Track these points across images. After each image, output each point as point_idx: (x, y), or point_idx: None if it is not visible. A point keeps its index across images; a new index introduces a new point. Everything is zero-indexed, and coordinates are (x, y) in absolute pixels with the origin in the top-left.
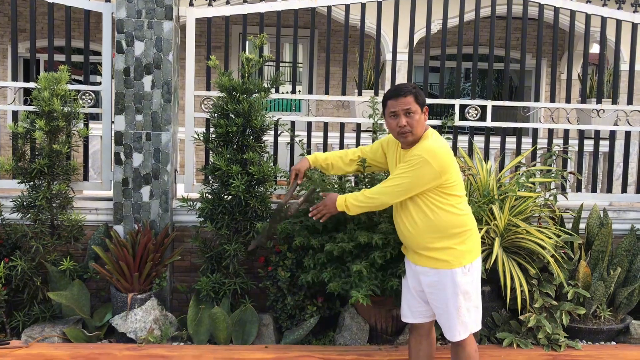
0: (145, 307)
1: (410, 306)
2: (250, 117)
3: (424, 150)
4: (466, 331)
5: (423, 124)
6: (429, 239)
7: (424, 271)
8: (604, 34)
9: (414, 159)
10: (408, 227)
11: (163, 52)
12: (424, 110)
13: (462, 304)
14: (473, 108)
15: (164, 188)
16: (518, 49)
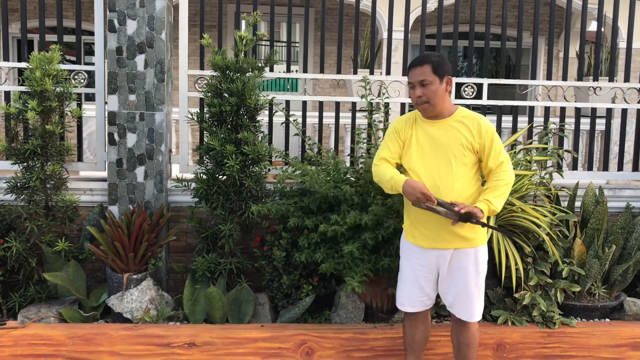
0: (141, 287)
1: (410, 296)
2: (244, 97)
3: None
4: (482, 310)
5: (443, 95)
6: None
7: (447, 254)
8: (602, 10)
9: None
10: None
11: (156, 30)
12: (445, 81)
13: (482, 282)
14: (469, 86)
15: (158, 168)
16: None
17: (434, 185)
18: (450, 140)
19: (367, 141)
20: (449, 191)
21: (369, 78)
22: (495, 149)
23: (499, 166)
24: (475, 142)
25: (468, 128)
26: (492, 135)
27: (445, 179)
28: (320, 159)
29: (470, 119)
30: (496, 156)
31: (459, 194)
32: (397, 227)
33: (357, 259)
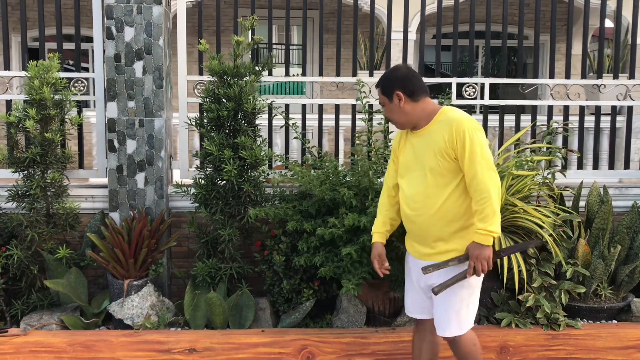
0: (142, 293)
1: (414, 302)
2: (241, 101)
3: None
4: (459, 328)
5: (401, 110)
6: (445, 227)
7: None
8: (604, 7)
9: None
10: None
11: (153, 37)
12: (394, 97)
13: (465, 298)
14: (470, 86)
15: (158, 174)
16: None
17: (408, 205)
18: (426, 149)
19: (366, 144)
20: (422, 209)
21: (363, 81)
22: (469, 153)
23: (473, 178)
24: (449, 146)
25: (444, 131)
26: (465, 136)
27: (424, 195)
28: (320, 163)
29: (446, 120)
30: (469, 162)
31: (442, 214)
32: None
33: (356, 262)
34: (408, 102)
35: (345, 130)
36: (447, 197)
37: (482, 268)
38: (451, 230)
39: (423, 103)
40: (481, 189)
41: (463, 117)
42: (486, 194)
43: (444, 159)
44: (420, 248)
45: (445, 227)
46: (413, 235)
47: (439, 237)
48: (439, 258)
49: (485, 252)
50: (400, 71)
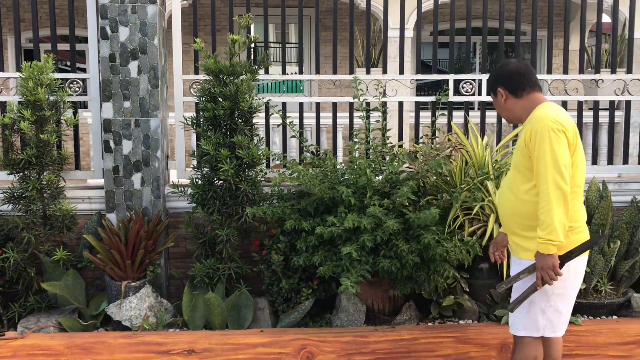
0: (140, 294)
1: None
2: (238, 100)
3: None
4: (536, 329)
5: (504, 106)
6: (520, 224)
7: (514, 260)
8: (601, 2)
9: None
10: (507, 205)
11: (148, 36)
12: (498, 94)
13: (537, 299)
14: (468, 83)
15: (155, 175)
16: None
17: (500, 196)
18: (517, 145)
19: (364, 142)
20: (502, 203)
21: (360, 78)
22: (538, 153)
23: (537, 180)
24: (525, 143)
25: (527, 127)
26: (538, 134)
27: (507, 189)
28: (319, 161)
29: (532, 116)
30: (536, 162)
31: (517, 211)
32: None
33: (355, 261)
34: (510, 99)
35: (344, 128)
36: (522, 195)
37: (550, 277)
38: (524, 229)
39: (526, 100)
40: (543, 191)
41: (547, 115)
42: (546, 198)
43: (523, 156)
44: (509, 241)
45: (519, 224)
46: (503, 227)
47: (513, 232)
48: (519, 254)
49: (548, 261)
50: (506, 67)
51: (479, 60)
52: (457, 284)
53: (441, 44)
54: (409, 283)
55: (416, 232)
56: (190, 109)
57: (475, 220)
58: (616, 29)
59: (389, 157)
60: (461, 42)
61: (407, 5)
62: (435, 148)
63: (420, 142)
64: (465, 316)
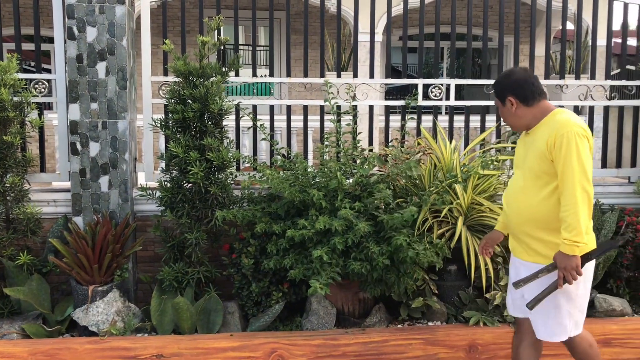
0: (107, 299)
1: (513, 300)
2: (208, 102)
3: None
4: (564, 333)
5: (513, 113)
6: (534, 228)
7: (523, 263)
8: (565, 9)
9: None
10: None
11: (117, 37)
12: (507, 102)
13: (563, 305)
14: (436, 87)
15: (123, 177)
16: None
17: (506, 201)
18: (529, 149)
19: (335, 145)
20: (515, 207)
21: (331, 82)
22: (564, 158)
23: (562, 184)
24: (547, 148)
25: (546, 133)
26: (564, 139)
27: (520, 193)
28: (290, 164)
29: (552, 122)
30: (562, 167)
31: (526, 212)
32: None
33: (326, 264)
34: (520, 107)
35: (314, 131)
36: (540, 199)
37: (572, 277)
38: (540, 232)
39: (537, 108)
40: (568, 195)
41: (570, 121)
42: (573, 200)
43: (543, 161)
44: (514, 244)
45: (535, 227)
46: (509, 230)
47: (528, 235)
48: (527, 257)
49: (572, 261)
50: (514, 76)
51: (447, 65)
52: (426, 286)
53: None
54: (379, 285)
55: (387, 234)
56: (159, 111)
57: (444, 222)
58: (580, 36)
59: (360, 161)
60: (430, 47)
61: (377, 10)
62: (405, 152)
63: (390, 146)
64: (434, 318)
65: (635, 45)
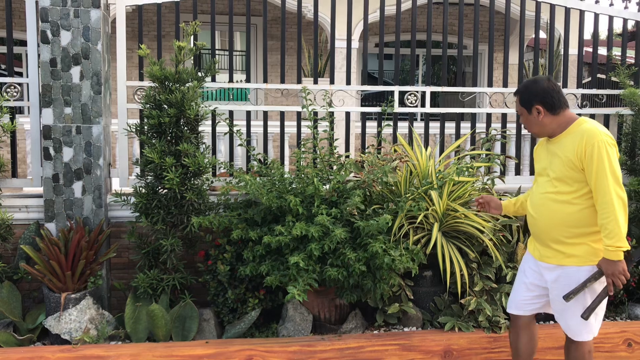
0: (80, 306)
1: (521, 299)
2: (184, 107)
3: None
4: (590, 332)
5: (538, 122)
6: (569, 234)
7: (550, 267)
8: (538, 18)
9: (592, 140)
10: (551, 216)
11: (91, 41)
12: (534, 110)
13: (589, 303)
14: (412, 94)
15: (97, 183)
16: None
17: (533, 207)
18: (556, 157)
19: (312, 151)
20: (543, 214)
21: (308, 88)
22: (597, 166)
23: (598, 192)
24: (577, 156)
25: (574, 141)
26: (595, 148)
27: (548, 199)
28: (266, 170)
29: (579, 131)
30: (596, 175)
31: (556, 219)
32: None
33: (302, 270)
34: (547, 116)
35: (291, 137)
36: (569, 206)
37: (621, 281)
38: (571, 237)
39: (562, 116)
40: (606, 202)
41: (598, 130)
42: (611, 208)
43: (571, 169)
44: (541, 249)
45: (566, 232)
46: (535, 236)
47: (558, 241)
48: (557, 261)
49: (619, 267)
50: (541, 84)
51: (423, 72)
52: (402, 291)
53: (387, 55)
54: (355, 291)
55: (364, 241)
56: (134, 116)
57: (420, 229)
58: (552, 45)
59: (336, 167)
60: (406, 54)
61: (353, 17)
62: (381, 158)
63: (367, 152)
64: (409, 323)
65: (606, 54)
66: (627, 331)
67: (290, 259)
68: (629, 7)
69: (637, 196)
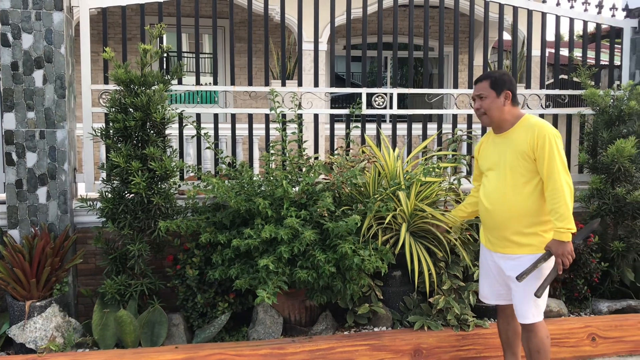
0: (46, 314)
1: (491, 290)
2: (150, 111)
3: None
4: (537, 315)
5: (501, 107)
6: (525, 224)
7: (507, 257)
8: (502, 21)
9: (543, 134)
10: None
11: (54, 44)
12: (503, 95)
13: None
14: (380, 96)
15: (62, 188)
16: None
17: (488, 199)
18: (508, 150)
19: (281, 154)
20: (500, 205)
21: (276, 90)
22: (549, 156)
23: (549, 179)
24: (529, 147)
25: (526, 134)
26: (546, 140)
27: (503, 191)
28: (235, 173)
29: (529, 125)
30: (548, 164)
31: (513, 209)
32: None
33: (272, 273)
34: (508, 104)
35: (260, 140)
36: (524, 195)
37: (569, 261)
38: (528, 226)
39: (516, 109)
40: (557, 188)
41: (545, 124)
42: (561, 193)
43: (524, 160)
44: (495, 241)
45: (521, 222)
46: (489, 228)
47: (514, 230)
48: (512, 251)
49: (568, 247)
50: (509, 75)
51: (390, 74)
52: (371, 292)
53: (355, 57)
54: (325, 293)
55: (333, 242)
56: (99, 120)
57: (388, 229)
58: (516, 46)
59: (305, 169)
60: (374, 57)
61: (320, 20)
62: (350, 160)
63: (336, 154)
64: (379, 323)
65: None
66: (591, 326)
67: (259, 261)
68: (588, 10)
69: (599, 194)
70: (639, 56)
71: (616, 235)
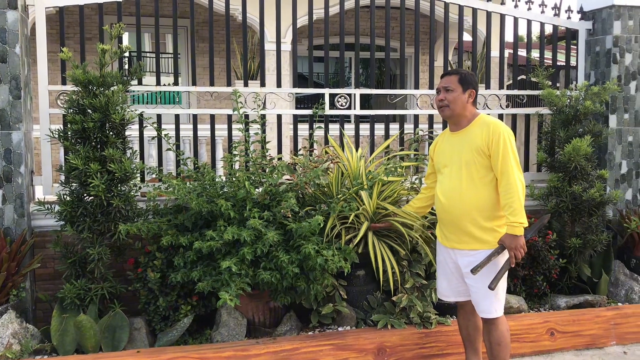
0: (2, 321)
1: (450, 287)
2: (109, 112)
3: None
4: (500, 309)
5: (464, 104)
6: (481, 217)
7: (464, 253)
8: (462, 22)
9: (497, 132)
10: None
11: (9, 44)
12: (468, 93)
13: (500, 282)
14: (342, 97)
15: (18, 191)
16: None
17: (444, 195)
18: (464, 147)
19: (244, 154)
20: (457, 199)
21: (239, 91)
22: (503, 153)
23: (502, 175)
24: (484, 144)
25: (482, 131)
26: (500, 137)
27: (459, 186)
28: (197, 174)
29: (484, 123)
30: (502, 161)
31: (469, 203)
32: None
33: (235, 275)
34: (470, 102)
35: (223, 141)
36: (479, 189)
37: (521, 254)
38: (485, 220)
39: (473, 108)
40: (510, 184)
41: (499, 123)
42: (514, 189)
43: (479, 155)
44: (452, 236)
45: (479, 216)
46: (446, 224)
47: (471, 225)
48: (469, 247)
49: (520, 240)
50: (475, 77)
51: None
52: (335, 291)
53: (318, 58)
54: (289, 294)
55: (297, 243)
56: (57, 121)
57: (351, 229)
58: (475, 47)
59: (269, 170)
60: (336, 57)
61: (283, 20)
62: (313, 160)
63: (299, 155)
64: (344, 323)
65: (526, 56)
66: (549, 321)
67: (222, 263)
68: (545, 12)
69: (556, 192)
70: (593, 57)
71: (573, 232)
